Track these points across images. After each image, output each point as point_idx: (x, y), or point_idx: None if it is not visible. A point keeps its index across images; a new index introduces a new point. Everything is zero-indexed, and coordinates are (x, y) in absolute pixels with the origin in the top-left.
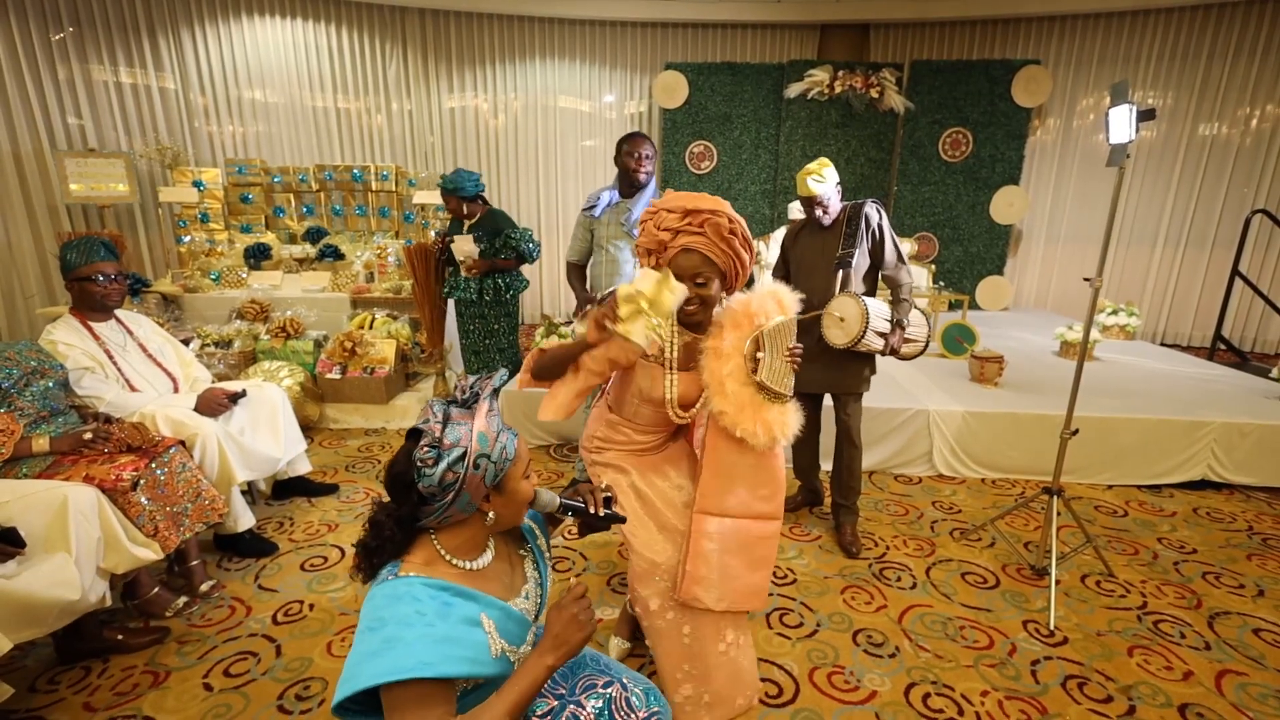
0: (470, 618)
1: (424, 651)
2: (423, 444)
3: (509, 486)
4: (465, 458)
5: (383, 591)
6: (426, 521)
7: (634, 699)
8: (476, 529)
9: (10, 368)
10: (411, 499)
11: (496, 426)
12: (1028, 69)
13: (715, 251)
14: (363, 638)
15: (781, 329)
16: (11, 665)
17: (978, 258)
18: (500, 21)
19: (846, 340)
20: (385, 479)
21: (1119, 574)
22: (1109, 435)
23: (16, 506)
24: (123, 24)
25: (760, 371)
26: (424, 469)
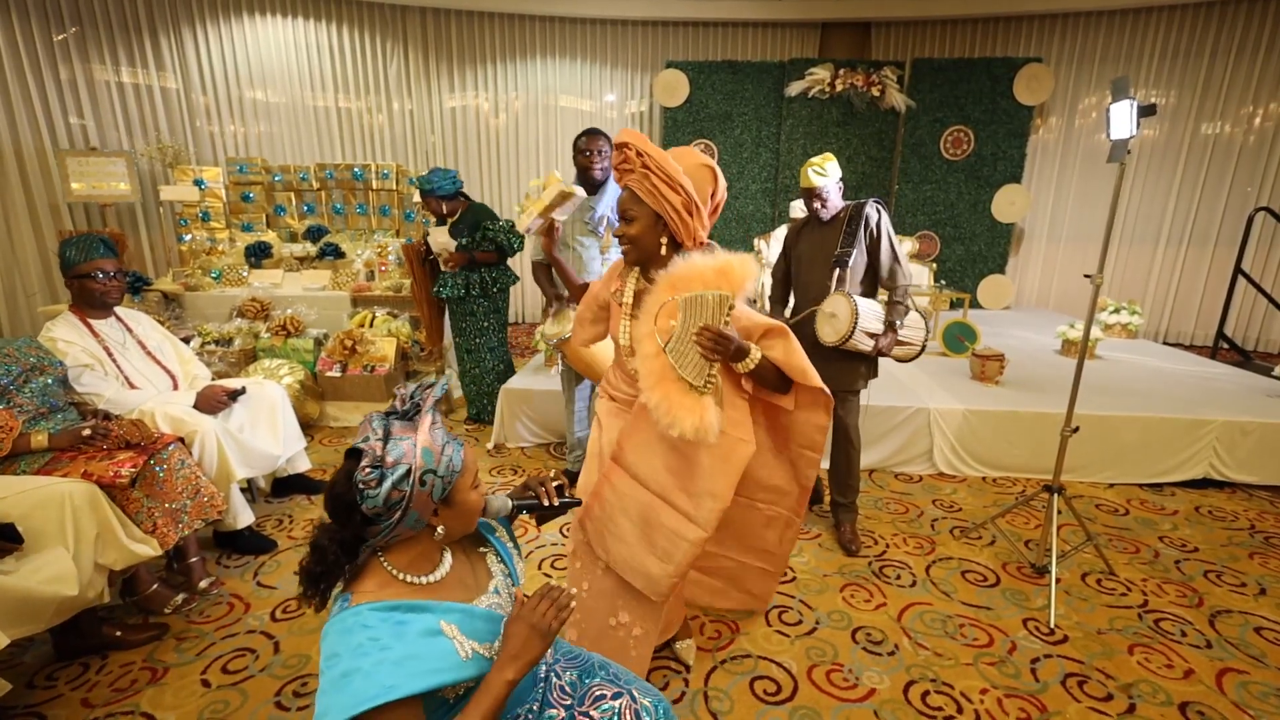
0: (429, 629)
1: (384, 676)
2: (364, 464)
3: (457, 499)
4: (410, 475)
5: (333, 627)
6: (373, 542)
7: (643, 712)
8: (426, 544)
9: (10, 364)
10: (355, 520)
11: (441, 439)
12: (1030, 67)
13: (642, 189)
14: (324, 676)
15: (702, 302)
16: (10, 661)
17: (979, 256)
18: (501, 20)
19: (835, 338)
20: (325, 501)
21: (1120, 572)
22: (1110, 434)
23: (14, 502)
24: (124, 23)
25: (669, 344)
26: (367, 490)
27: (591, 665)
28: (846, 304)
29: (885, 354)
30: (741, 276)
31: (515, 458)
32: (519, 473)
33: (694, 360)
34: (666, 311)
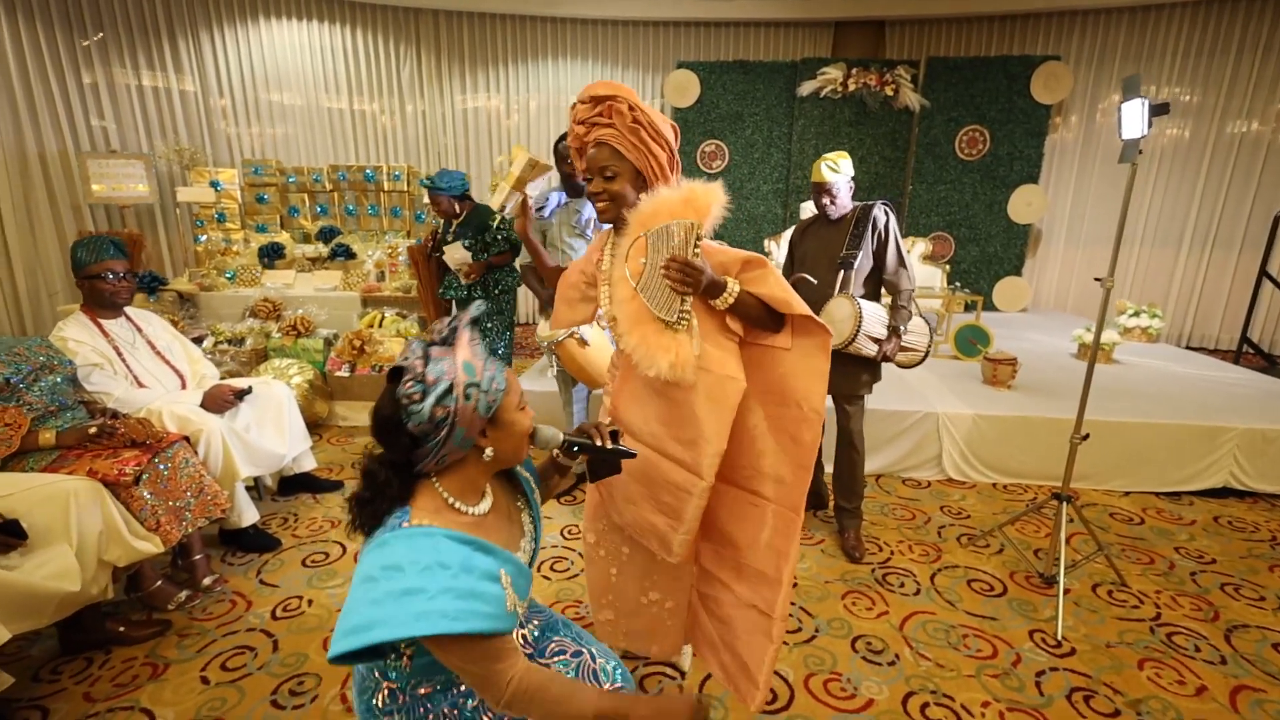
0: (491, 573)
1: (448, 605)
2: (406, 380)
3: (504, 418)
4: (453, 389)
5: (400, 540)
6: (424, 465)
7: (601, 672)
8: (476, 469)
9: (20, 363)
10: (403, 442)
11: (482, 355)
12: (1047, 65)
13: (624, 143)
14: (377, 584)
15: (666, 235)
16: (17, 655)
17: (995, 258)
18: (513, 22)
19: (838, 341)
20: (372, 426)
21: (1132, 584)
22: (1126, 440)
23: (20, 499)
24: (144, 28)
25: (640, 282)
26: (411, 406)
27: (555, 623)
28: (851, 307)
29: (889, 359)
30: (707, 203)
31: None
32: None
33: (665, 296)
34: (637, 250)
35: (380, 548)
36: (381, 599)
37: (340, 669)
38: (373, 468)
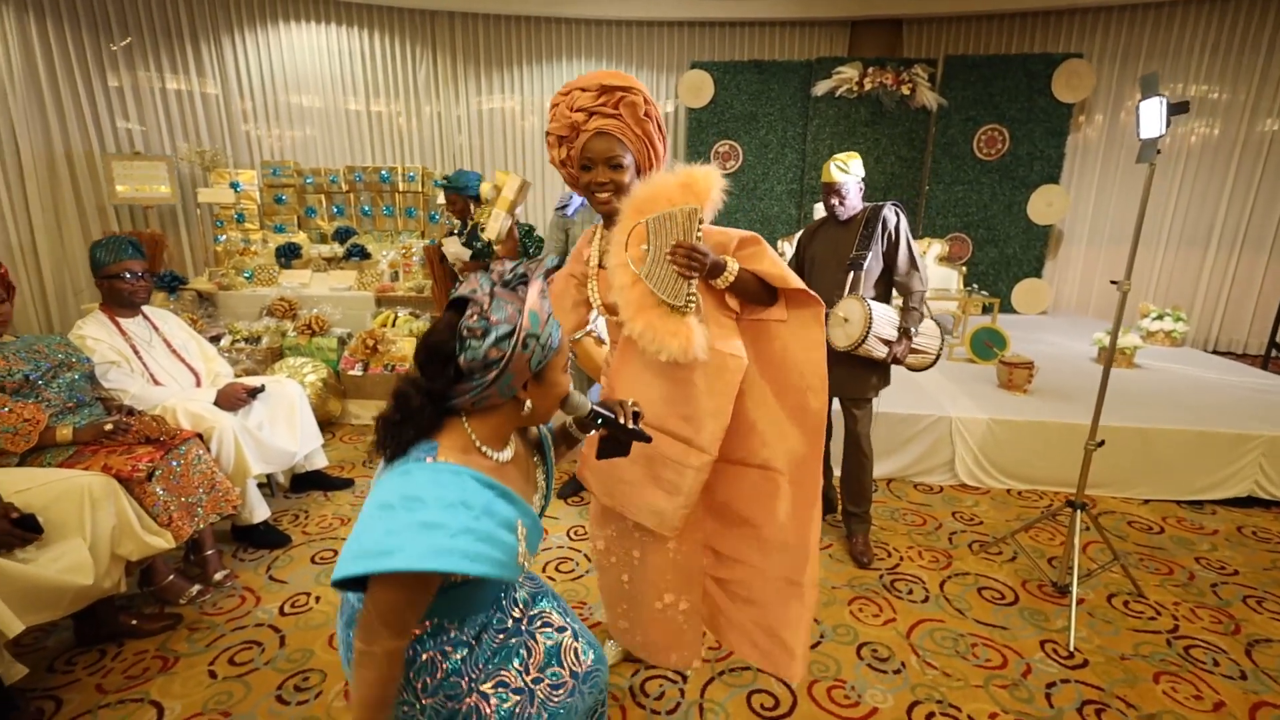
0: (510, 522)
1: (467, 545)
2: (471, 313)
3: (549, 377)
4: (514, 335)
5: (423, 473)
6: (459, 401)
7: (581, 651)
8: (508, 419)
9: (39, 360)
10: (448, 373)
11: (548, 309)
12: (1069, 63)
13: (629, 135)
14: (395, 513)
15: (669, 221)
16: (33, 646)
17: (1014, 259)
18: (528, 23)
19: (847, 343)
20: (419, 351)
21: (1149, 594)
22: (1147, 447)
23: (37, 494)
24: (168, 32)
25: (644, 269)
26: (470, 340)
27: (545, 591)
28: (860, 308)
29: (900, 361)
30: (706, 187)
31: None
32: None
33: (671, 280)
34: (635, 237)
35: (404, 476)
36: (399, 529)
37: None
38: (407, 391)
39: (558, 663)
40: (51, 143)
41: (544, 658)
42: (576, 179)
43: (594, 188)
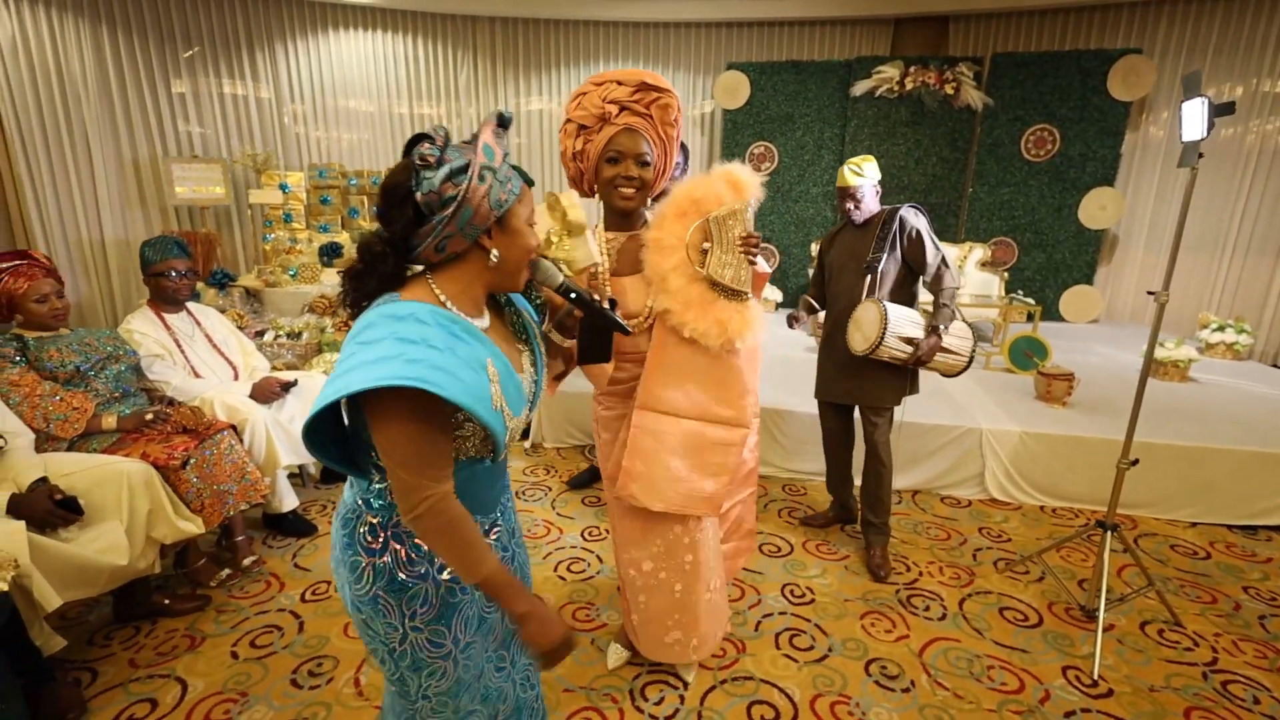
0: (478, 360)
1: (428, 370)
2: (424, 144)
3: (513, 224)
4: (469, 168)
5: (380, 311)
6: (422, 249)
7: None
8: (476, 274)
9: (90, 353)
10: (407, 214)
11: (504, 149)
12: (1127, 59)
13: (654, 135)
14: (353, 354)
15: (732, 216)
16: (77, 620)
17: (1062, 265)
18: (566, 26)
19: (865, 346)
20: (379, 194)
21: (1188, 623)
22: (1196, 466)
23: (81, 478)
24: (226, 41)
25: (708, 264)
26: (424, 171)
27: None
28: (875, 309)
29: (925, 361)
30: (747, 182)
31: (550, 457)
32: (552, 472)
33: (738, 269)
34: (698, 235)
35: (358, 323)
36: (354, 365)
37: (356, 653)
38: (369, 239)
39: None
40: (120, 146)
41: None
42: (583, 173)
43: (620, 182)
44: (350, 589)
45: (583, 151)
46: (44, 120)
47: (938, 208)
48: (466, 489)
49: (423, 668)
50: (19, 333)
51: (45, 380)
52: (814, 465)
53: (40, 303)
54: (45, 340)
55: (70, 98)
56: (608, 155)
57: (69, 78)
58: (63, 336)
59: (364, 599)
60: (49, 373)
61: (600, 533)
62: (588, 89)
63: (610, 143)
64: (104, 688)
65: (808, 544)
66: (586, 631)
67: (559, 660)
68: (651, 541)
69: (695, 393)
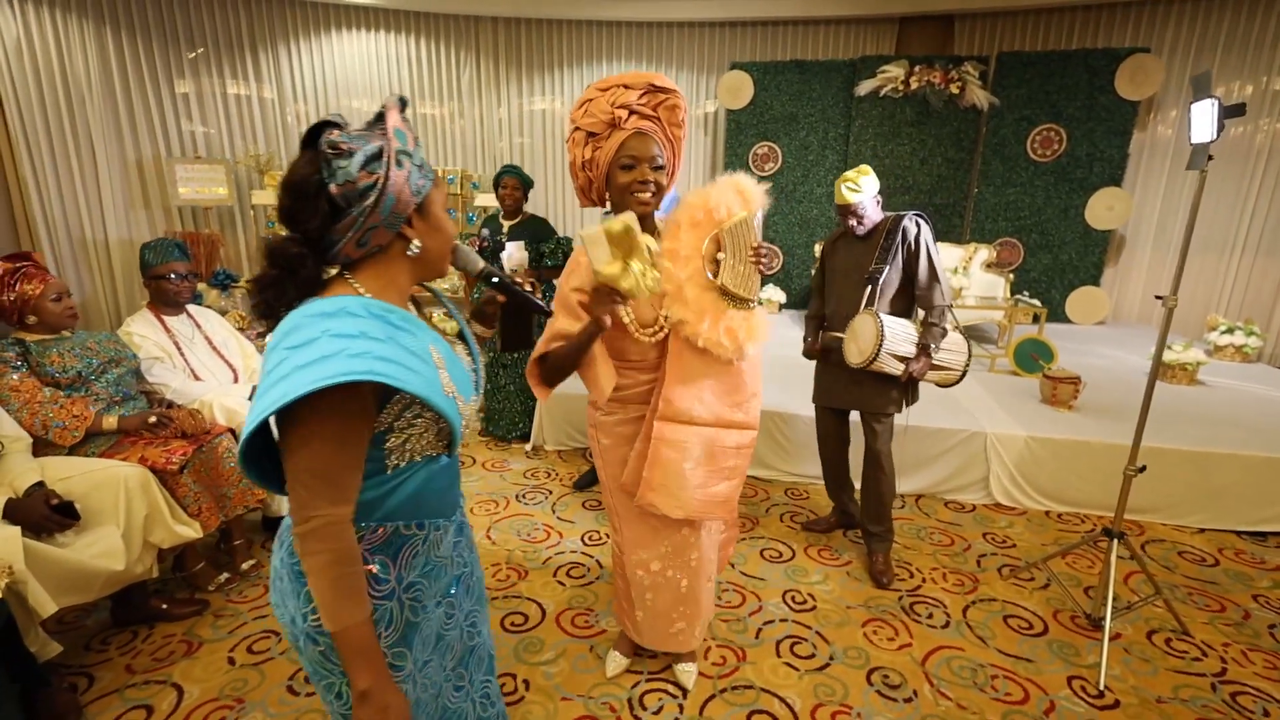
0: (422, 348)
1: (376, 363)
2: (332, 131)
3: (432, 211)
4: (384, 153)
5: (304, 312)
6: (342, 246)
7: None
8: (398, 267)
9: (90, 357)
10: (321, 208)
11: (414, 133)
12: (1135, 58)
13: (663, 138)
14: (284, 359)
15: (742, 226)
16: (75, 625)
17: (1069, 266)
18: (569, 26)
19: (860, 360)
20: (282, 198)
21: (1196, 633)
22: (1205, 471)
23: (78, 482)
24: (230, 42)
25: (721, 274)
26: (336, 161)
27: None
28: (873, 324)
29: (917, 379)
30: (754, 192)
31: (551, 460)
32: (553, 475)
33: (749, 279)
34: (712, 246)
35: (281, 328)
36: (293, 365)
37: None
38: (281, 242)
39: (464, 666)
40: (124, 146)
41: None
42: (593, 182)
43: (636, 188)
44: (305, 620)
45: (592, 159)
46: (48, 121)
47: (943, 208)
48: (426, 489)
49: None
50: (21, 336)
51: (46, 386)
52: (816, 469)
53: (56, 301)
54: (47, 345)
55: (74, 98)
56: (621, 162)
57: (73, 78)
58: (64, 340)
59: (322, 628)
60: (50, 378)
61: (600, 537)
62: (593, 95)
63: (622, 148)
64: (100, 693)
65: (809, 549)
66: (585, 639)
67: None
68: (660, 543)
69: (711, 400)
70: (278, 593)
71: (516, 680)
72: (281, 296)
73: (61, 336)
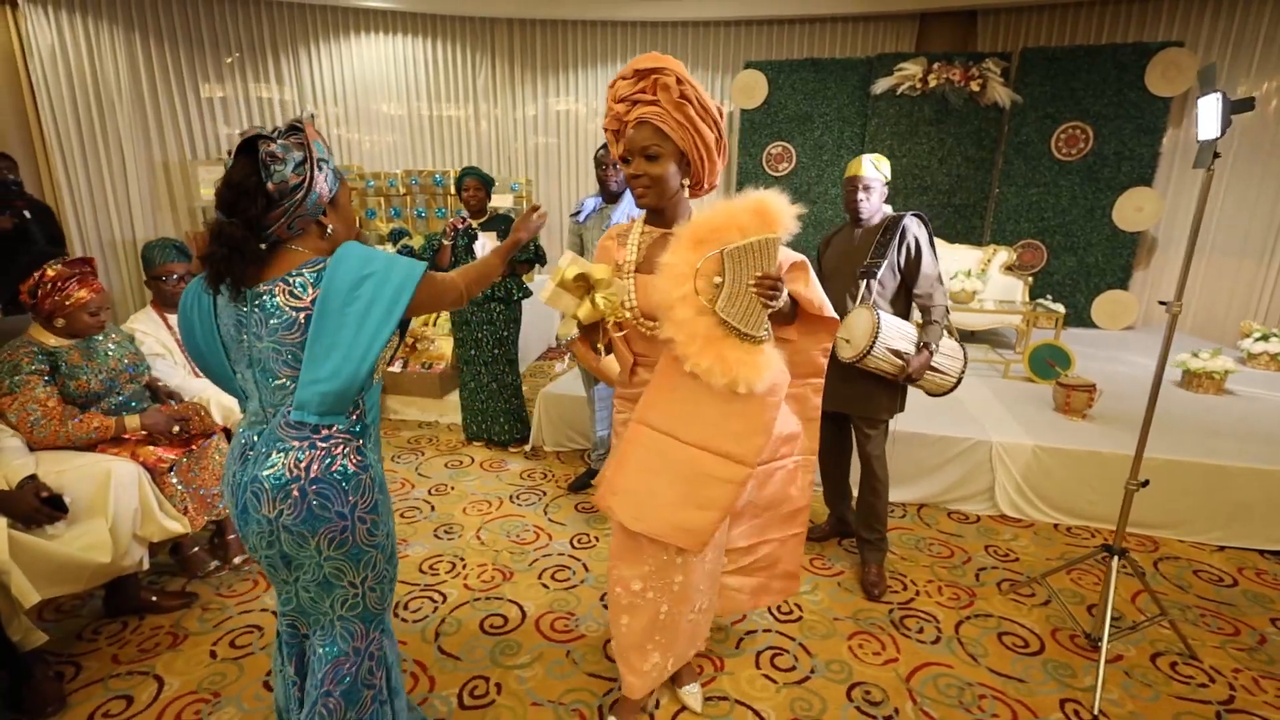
0: None
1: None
2: (266, 143)
3: (341, 203)
4: (308, 159)
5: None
6: (275, 229)
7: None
8: (319, 245)
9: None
10: (259, 202)
11: (326, 144)
12: (1167, 52)
13: (670, 123)
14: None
15: (752, 251)
16: (71, 613)
17: (1095, 269)
18: (583, 27)
19: (852, 354)
20: (223, 196)
21: (1204, 657)
22: (1227, 486)
23: (69, 475)
24: (253, 46)
25: (719, 301)
26: (274, 165)
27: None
28: (868, 318)
29: (915, 379)
30: (778, 214)
31: (549, 461)
32: (549, 477)
33: (751, 311)
34: (710, 267)
35: (364, 257)
36: (400, 260)
37: None
38: (225, 226)
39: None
40: (150, 149)
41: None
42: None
43: (632, 182)
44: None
45: (619, 156)
46: (80, 125)
47: (962, 209)
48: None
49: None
50: (45, 344)
51: (65, 404)
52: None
53: (93, 315)
54: (76, 368)
55: (105, 103)
56: (623, 156)
57: (104, 84)
58: (92, 362)
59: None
60: (69, 395)
61: (589, 540)
62: (608, 94)
63: (626, 143)
64: (85, 683)
65: None
66: (563, 644)
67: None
68: (644, 560)
69: (703, 422)
70: (313, 509)
71: (489, 684)
72: (235, 268)
73: (90, 349)
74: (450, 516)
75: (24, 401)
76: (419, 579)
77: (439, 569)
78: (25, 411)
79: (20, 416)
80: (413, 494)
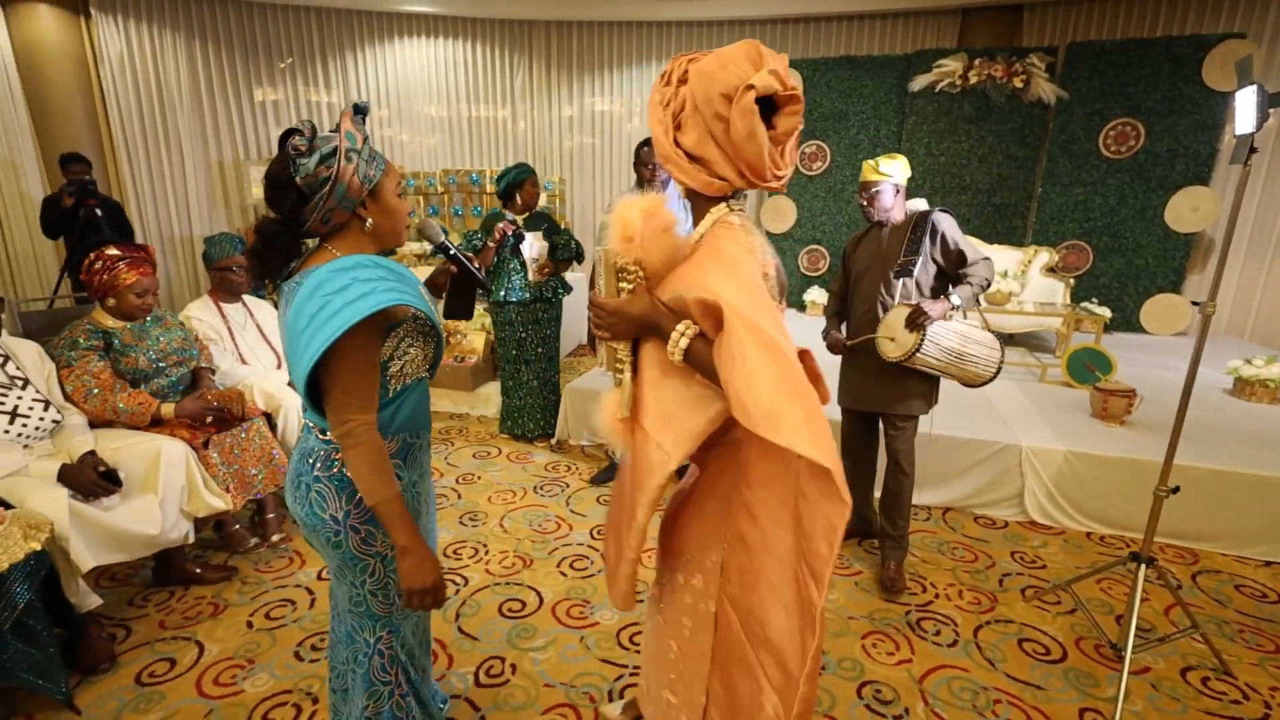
0: (418, 285)
1: (403, 295)
2: (294, 137)
3: (383, 195)
4: (335, 153)
5: (325, 269)
6: (310, 223)
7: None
8: (361, 239)
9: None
10: (291, 197)
11: (364, 134)
12: (1227, 44)
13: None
14: (326, 303)
15: (603, 260)
16: (126, 580)
17: (1145, 272)
18: (619, 28)
19: (899, 353)
20: (265, 185)
21: (1240, 674)
22: (1275, 499)
23: (123, 453)
24: (303, 51)
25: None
26: (299, 159)
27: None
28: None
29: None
30: (633, 219)
31: (574, 454)
32: (573, 470)
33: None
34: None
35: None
36: (341, 307)
37: None
38: (265, 223)
39: None
40: (208, 150)
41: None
42: None
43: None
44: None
45: None
46: (144, 128)
47: (1003, 209)
48: (418, 405)
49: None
50: (102, 324)
51: (117, 378)
52: None
53: (139, 296)
54: (129, 347)
55: (167, 107)
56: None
57: (166, 89)
58: (145, 342)
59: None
60: (119, 371)
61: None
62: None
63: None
64: (134, 645)
65: None
66: (578, 630)
67: (426, 605)
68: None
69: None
70: (313, 505)
71: (505, 664)
72: (269, 262)
73: (144, 330)
74: (475, 505)
75: (79, 374)
76: (442, 562)
77: (462, 554)
78: (81, 384)
79: (76, 387)
80: (440, 482)
